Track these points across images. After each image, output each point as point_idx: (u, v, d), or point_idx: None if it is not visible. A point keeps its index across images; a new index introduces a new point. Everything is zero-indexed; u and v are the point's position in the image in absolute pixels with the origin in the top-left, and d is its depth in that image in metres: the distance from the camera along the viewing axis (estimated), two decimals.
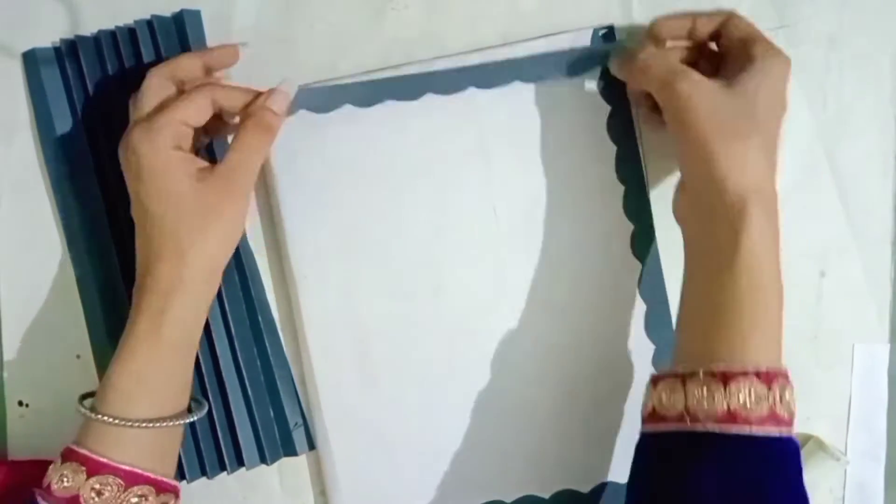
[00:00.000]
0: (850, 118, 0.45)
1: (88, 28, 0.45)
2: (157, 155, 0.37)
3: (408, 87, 0.44)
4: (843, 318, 0.45)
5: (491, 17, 0.45)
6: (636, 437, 0.39)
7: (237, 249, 0.44)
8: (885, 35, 0.45)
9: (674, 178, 0.45)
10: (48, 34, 0.45)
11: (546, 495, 0.45)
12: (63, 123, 0.45)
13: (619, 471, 0.44)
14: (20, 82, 0.45)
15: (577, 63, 0.44)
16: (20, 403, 0.46)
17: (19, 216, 0.46)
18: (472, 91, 0.44)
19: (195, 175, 0.38)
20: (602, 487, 0.44)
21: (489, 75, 0.44)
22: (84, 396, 0.39)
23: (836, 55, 0.45)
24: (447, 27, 0.45)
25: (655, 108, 0.41)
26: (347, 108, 0.44)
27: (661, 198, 0.45)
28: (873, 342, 0.45)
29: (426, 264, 0.44)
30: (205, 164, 0.39)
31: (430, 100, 0.44)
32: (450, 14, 0.45)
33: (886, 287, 0.45)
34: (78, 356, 0.46)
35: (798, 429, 0.44)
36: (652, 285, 0.44)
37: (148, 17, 0.44)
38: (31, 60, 0.45)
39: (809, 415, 0.45)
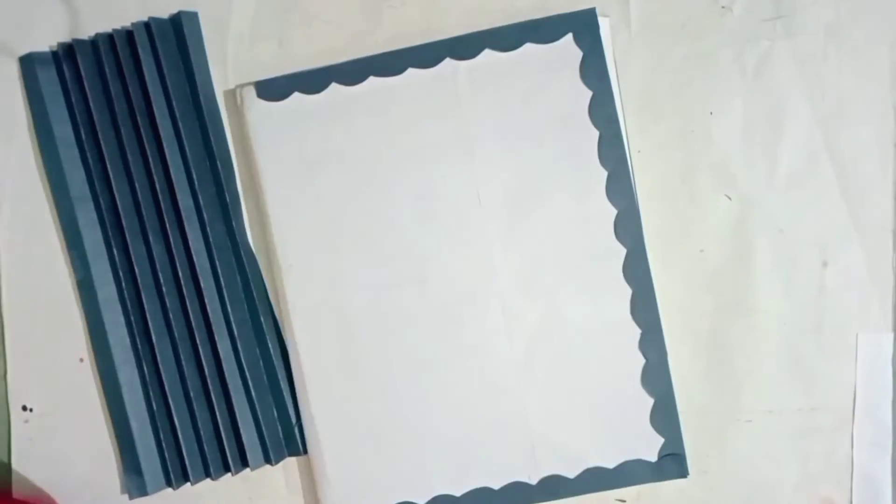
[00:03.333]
0: (849, 107, 0.45)
1: (88, 29, 0.45)
2: None
3: (391, 63, 0.44)
4: (846, 308, 0.45)
5: (487, 13, 0.45)
6: (622, 422, 0.38)
7: (237, 247, 0.44)
8: (883, 24, 0.45)
9: (657, 162, 0.45)
10: (47, 36, 0.45)
11: (533, 482, 0.45)
12: (61, 127, 0.45)
13: (606, 456, 0.44)
14: (20, 84, 0.45)
15: (546, 29, 0.44)
16: (24, 408, 0.46)
17: (21, 220, 0.46)
18: (452, 73, 0.44)
19: None
20: (588, 473, 0.44)
21: (464, 45, 0.44)
22: None
23: (834, 45, 0.45)
24: (444, 24, 0.45)
25: None
26: (333, 89, 0.44)
27: (645, 182, 0.45)
28: (877, 331, 0.45)
29: (411, 252, 0.45)
30: None
31: (413, 76, 0.44)
32: (446, 11, 0.45)
33: (889, 276, 0.45)
34: (81, 359, 0.46)
35: (803, 420, 0.44)
36: (636, 269, 0.44)
37: (146, 19, 0.44)
38: (29, 64, 0.45)
39: (815, 405, 0.45)
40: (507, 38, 0.44)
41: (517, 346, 0.44)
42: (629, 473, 0.44)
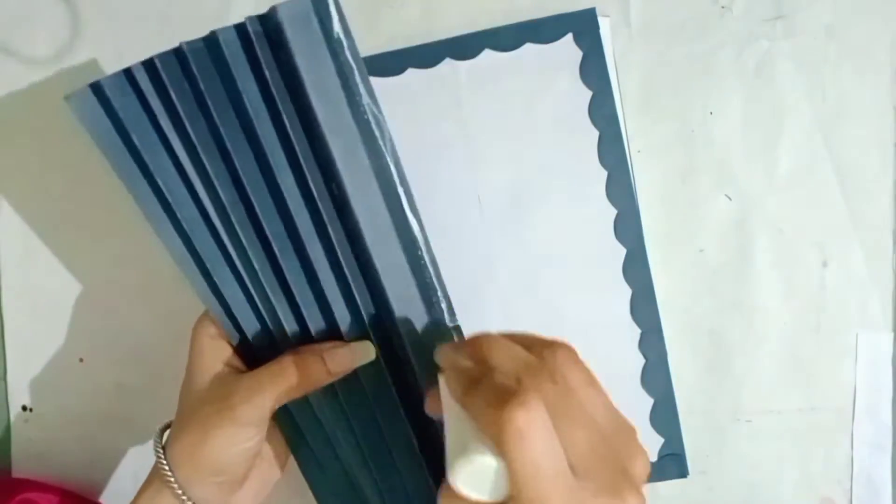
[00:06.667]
0: (848, 107, 0.45)
1: (88, 29, 0.45)
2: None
3: (391, 63, 0.45)
4: (846, 308, 0.45)
5: (488, 12, 0.45)
6: None
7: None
8: (882, 24, 0.45)
9: (657, 162, 0.45)
10: (47, 36, 0.45)
11: None
12: (157, 157, 0.36)
13: None
14: (20, 84, 0.45)
15: (546, 30, 0.44)
16: (24, 408, 0.46)
17: (21, 221, 0.46)
18: (452, 73, 0.44)
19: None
20: None
21: (464, 45, 0.44)
22: None
23: (833, 45, 0.45)
24: (444, 24, 0.45)
25: None
26: None
27: (645, 182, 0.45)
28: (877, 331, 0.45)
29: None
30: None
31: (413, 76, 0.44)
32: (446, 11, 0.45)
33: (889, 276, 0.45)
34: (81, 360, 0.46)
35: (803, 420, 0.44)
36: (636, 269, 0.44)
37: (149, 17, 0.44)
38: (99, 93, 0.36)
39: (815, 405, 0.45)
40: (507, 38, 0.44)
41: None
42: None
